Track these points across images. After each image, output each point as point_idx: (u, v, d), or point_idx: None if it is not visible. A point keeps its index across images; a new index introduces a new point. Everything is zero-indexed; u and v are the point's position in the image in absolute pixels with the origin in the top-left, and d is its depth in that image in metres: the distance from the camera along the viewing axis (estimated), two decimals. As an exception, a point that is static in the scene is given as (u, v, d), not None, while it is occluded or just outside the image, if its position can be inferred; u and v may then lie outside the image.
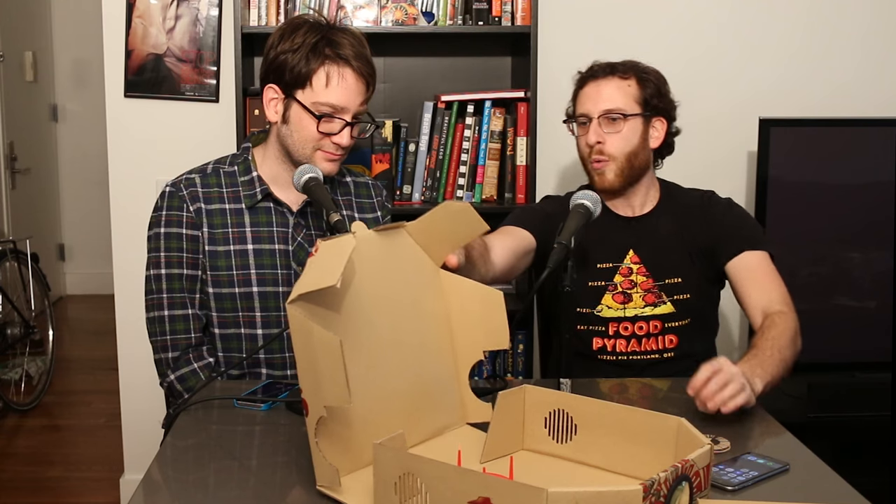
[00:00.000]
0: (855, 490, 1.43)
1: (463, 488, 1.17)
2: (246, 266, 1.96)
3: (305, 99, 1.91)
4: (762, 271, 2.07)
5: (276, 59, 1.91)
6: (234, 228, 1.98)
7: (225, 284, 1.97)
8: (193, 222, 1.96)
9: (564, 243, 1.72)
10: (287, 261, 1.99)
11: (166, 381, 1.98)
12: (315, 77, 1.89)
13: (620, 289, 2.12)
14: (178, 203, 1.97)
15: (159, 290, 1.97)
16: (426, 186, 2.92)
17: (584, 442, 1.48)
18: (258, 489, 1.45)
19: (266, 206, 2.00)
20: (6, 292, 4.30)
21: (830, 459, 1.57)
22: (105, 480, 3.48)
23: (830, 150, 2.85)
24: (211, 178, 2.01)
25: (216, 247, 1.97)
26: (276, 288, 1.98)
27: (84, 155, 6.14)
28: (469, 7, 2.87)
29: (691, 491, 1.21)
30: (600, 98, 2.10)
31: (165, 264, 1.96)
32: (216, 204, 1.98)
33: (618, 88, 2.10)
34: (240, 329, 1.98)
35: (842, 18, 3.14)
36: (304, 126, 1.92)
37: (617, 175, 2.10)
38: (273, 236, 1.99)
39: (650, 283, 2.11)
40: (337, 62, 1.89)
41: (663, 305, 2.11)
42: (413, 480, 1.23)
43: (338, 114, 1.91)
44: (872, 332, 2.85)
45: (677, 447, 1.37)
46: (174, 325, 1.96)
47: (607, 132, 2.09)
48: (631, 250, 2.13)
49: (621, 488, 1.14)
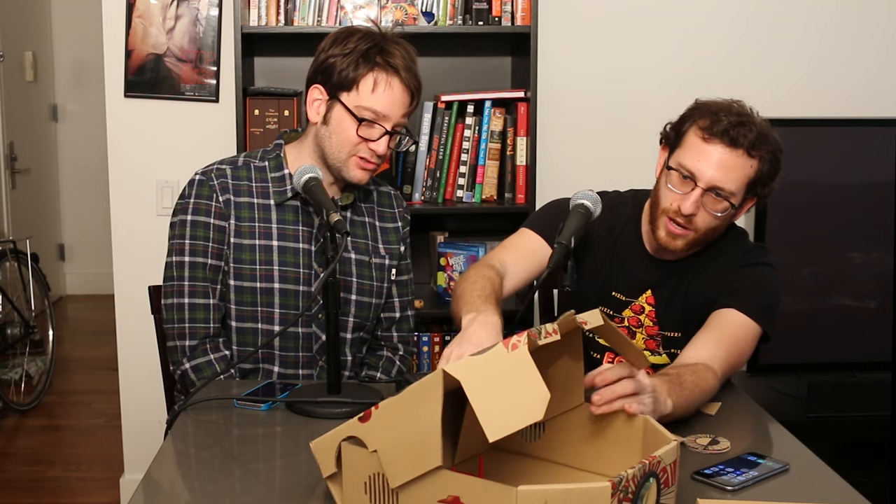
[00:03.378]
0: (855, 490, 1.43)
1: (433, 488, 1.17)
2: (270, 262, 1.96)
3: (350, 102, 1.91)
4: (732, 333, 1.86)
5: (326, 60, 1.92)
6: (261, 223, 1.97)
7: (247, 278, 1.96)
8: (222, 213, 1.96)
9: (564, 243, 1.72)
10: (309, 260, 1.98)
11: (180, 368, 1.97)
12: (363, 81, 1.90)
13: (627, 324, 2.04)
14: (207, 192, 1.97)
15: (181, 277, 1.96)
16: (426, 186, 2.92)
17: (553, 440, 1.48)
18: (258, 489, 1.45)
19: (294, 204, 2.00)
20: (6, 292, 4.30)
21: (830, 459, 1.57)
22: (105, 480, 3.48)
23: (830, 150, 2.85)
24: (241, 170, 2.00)
25: (241, 240, 1.96)
26: (296, 286, 1.97)
27: (84, 155, 6.13)
28: (469, 7, 2.87)
29: (658, 487, 1.22)
30: (718, 167, 1.84)
31: (190, 252, 1.95)
32: (245, 197, 1.98)
33: (738, 168, 1.86)
34: (257, 324, 1.98)
35: (842, 20, 3.14)
36: (343, 129, 1.92)
37: (687, 247, 1.94)
38: (298, 235, 1.99)
39: (655, 330, 2.03)
40: (386, 70, 1.90)
41: (659, 357, 2.03)
42: (383, 480, 1.23)
43: (379, 121, 1.91)
44: (872, 332, 2.85)
45: (644, 444, 1.38)
46: (194, 313, 1.96)
47: (706, 207, 1.88)
48: (649, 290, 2.02)
49: (590, 485, 1.14)
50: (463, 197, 2.92)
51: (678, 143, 1.92)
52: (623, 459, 1.39)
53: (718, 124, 1.85)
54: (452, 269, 2.92)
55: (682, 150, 1.90)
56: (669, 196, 1.90)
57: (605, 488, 1.13)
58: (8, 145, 5.37)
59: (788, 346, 2.87)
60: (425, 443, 1.17)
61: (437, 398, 1.16)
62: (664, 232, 1.92)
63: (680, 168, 1.88)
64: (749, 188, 1.89)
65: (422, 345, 2.97)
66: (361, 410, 1.29)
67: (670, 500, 1.27)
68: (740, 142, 1.84)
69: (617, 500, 1.14)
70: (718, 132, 1.84)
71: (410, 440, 1.19)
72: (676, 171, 1.88)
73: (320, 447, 1.32)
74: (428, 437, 1.17)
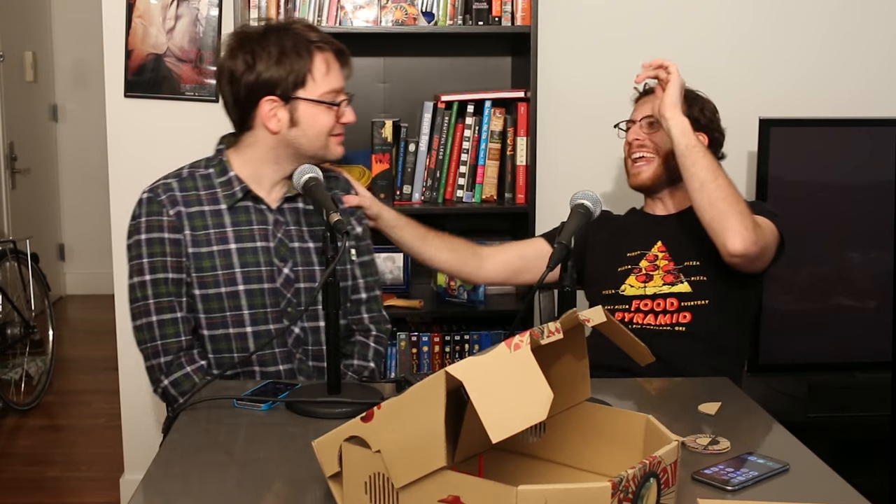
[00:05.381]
0: (855, 490, 1.43)
1: (433, 487, 1.17)
2: (230, 265, 1.96)
3: (311, 94, 1.94)
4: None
5: (260, 77, 1.92)
6: (215, 229, 1.97)
7: (211, 285, 1.96)
8: (174, 226, 1.95)
9: (564, 243, 1.72)
10: (269, 257, 1.99)
11: (160, 386, 1.96)
12: (314, 70, 1.94)
13: (644, 271, 2.25)
14: (157, 208, 1.96)
15: (145, 296, 1.95)
16: (426, 186, 2.92)
17: (553, 440, 1.48)
18: (258, 489, 1.45)
19: (245, 205, 2.00)
20: (6, 292, 4.30)
21: (830, 459, 1.57)
22: (105, 480, 3.48)
23: (830, 150, 2.85)
24: (188, 181, 2.01)
25: (199, 248, 1.96)
26: (261, 285, 1.98)
27: (84, 155, 6.14)
28: (469, 7, 2.87)
29: (659, 487, 1.22)
30: (646, 108, 2.29)
31: (150, 270, 1.95)
32: (195, 206, 1.98)
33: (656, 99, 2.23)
34: (228, 329, 1.97)
35: (842, 20, 3.14)
36: (318, 120, 1.96)
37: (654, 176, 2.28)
38: (255, 234, 1.99)
39: (671, 265, 2.23)
40: (320, 49, 1.95)
41: (680, 285, 2.19)
42: (383, 480, 1.23)
43: (340, 94, 1.98)
44: (872, 332, 2.85)
45: (645, 444, 1.38)
46: (164, 329, 1.95)
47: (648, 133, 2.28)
48: (660, 241, 2.27)
49: (590, 485, 1.14)
50: (463, 197, 2.92)
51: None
52: (623, 459, 1.39)
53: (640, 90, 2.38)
54: (452, 269, 2.91)
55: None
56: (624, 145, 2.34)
57: (605, 488, 1.13)
58: (8, 145, 5.37)
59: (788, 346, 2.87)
60: (429, 443, 1.17)
61: (439, 398, 1.16)
62: (630, 175, 2.32)
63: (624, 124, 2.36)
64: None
65: (422, 345, 2.97)
66: (362, 410, 1.29)
67: (670, 500, 1.27)
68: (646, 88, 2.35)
69: (617, 500, 1.14)
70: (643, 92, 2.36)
71: (414, 440, 1.19)
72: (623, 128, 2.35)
73: (323, 446, 1.32)
74: (432, 437, 1.17)
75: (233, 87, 1.95)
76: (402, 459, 1.20)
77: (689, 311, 2.18)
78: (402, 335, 2.96)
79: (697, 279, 2.19)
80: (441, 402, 1.16)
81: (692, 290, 2.18)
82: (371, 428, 1.24)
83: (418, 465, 1.18)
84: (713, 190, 2.02)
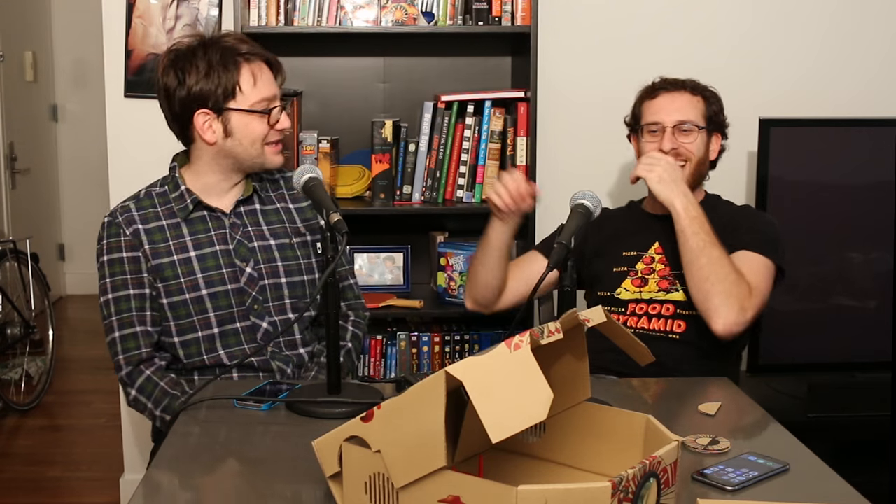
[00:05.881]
0: (855, 490, 1.43)
1: (433, 487, 1.18)
2: (192, 272, 2.04)
3: (242, 104, 2.00)
4: (746, 269, 2.10)
5: (191, 90, 1.99)
6: (174, 241, 2.05)
7: (175, 293, 2.03)
8: (132, 244, 2.03)
9: (564, 243, 1.72)
10: (230, 259, 2.06)
11: (130, 397, 2.03)
12: (241, 82, 1.99)
13: (640, 274, 2.24)
14: (115, 230, 2.05)
15: (109, 314, 2.04)
16: (426, 186, 2.92)
17: (553, 440, 1.48)
18: (258, 489, 1.45)
19: (200, 214, 2.08)
20: (6, 292, 4.30)
21: (830, 459, 1.57)
22: (105, 480, 3.47)
23: (830, 150, 2.85)
24: (144, 201, 2.09)
25: (161, 259, 2.03)
26: (224, 286, 2.05)
27: (84, 155, 6.13)
28: (469, 7, 2.87)
29: (659, 487, 1.22)
30: (674, 109, 2.25)
31: (112, 289, 2.03)
32: (153, 222, 2.06)
33: (689, 103, 2.27)
34: (197, 332, 2.05)
35: (842, 20, 3.14)
36: (251, 129, 2.01)
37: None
38: (213, 240, 2.07)
39: (667, 271, 2.21)
40: (247, 60, 2.00)
41: (676, 293, 2.18)
42: (383, 480, 1.23)
43: (273, 102, 2.03)
44: (872, 332, 2.85)
45: (645, 444, 1.38)
46: (125, 343, 2.03)
47: (681, 141, 2.24)
48: (657, 243, 2.26)
49: (590, 485, 1.14)
50: (463, 197, 2.92)
51: (637, 119, 2.33)
52: (623, 459, 1.38)
53: (657, 83, 2.32)
54: (452, 269, 2.92)
55: (642, 118, 2.31)
56: (648, 147, 2.26)
57: (605, 488, 1.13)
58: (8, 145, 5.37)
59: (788, 346, 2.87)
60: (429, 443, 1.17)
61: (440, 399, 1.16)
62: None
63: (647, 126, 2.28)
64: (708, 120, 2.28)
65: (422, 345, 2.97)
66: (362, 410, 1.29)
67: (670, 501, 1.27)
68: (679, 86, 2.29)
69: (617, 500, 1.14)
70: (660, 87, 2.30)
71: (414, 440, 1.19)
72: (645, 130, 2.28)
73: (323, 446, 1.32)
74: (432, 437, 1.17)
75: (169, 103, 2.04)
76: (402, 459, 1.20)
77: (683, 319, 2.18)
78: (402, 335, 2.96)
79: None
80: (441, 402, 1.16)
81: (687, 298, 2.15)
82: (371, 428, 1.24)
83: (418, 465, 1.19)
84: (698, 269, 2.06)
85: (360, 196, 2.96)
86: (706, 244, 2.07)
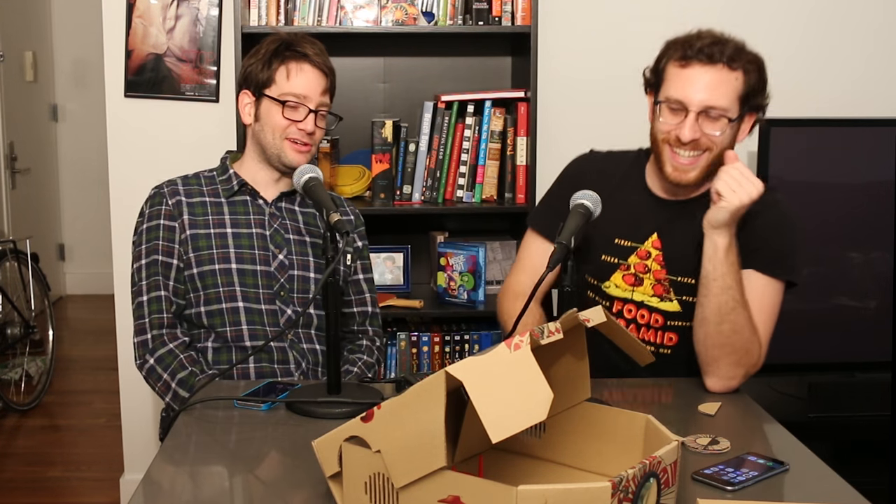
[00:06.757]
0: (855, 490, 1.43)
1: (433, 487, 1.18)
2: (225, 245, 2.09)
3: (272, 93, 2.08)
4: (756, 299, 1.90)
5: (245, 70, 2.14)
6: (214, 216, 2.12)
7: (206, 262, 2.08)
8: (171, 214, 2.10)
9: (564, 243, 1.72)
10: (265, 243, 2.12)
11: (147, 365, 2.05)
12: (278, 73, 2.08)
13: (633, 270, 2.02)
14: (159, 199, 2.13)
15: (139, 279, 2.09)
16: (426, 186, 2.92)
17: (553, 440, 1.48)
18: (258, 489, 1.45)
19: (243, 198, 2.15)
20: (6, 292, 4.30)
21: (830, 459, 1.57)
22: (105, 480, 3.48)
23: (830, 150, 2.85)
24: (192, 180, 2.18)
25: (197, 230, 2.09)
26: (253, 266, 2.09)
27: (84, 155, 6.13)
28: (469, 7, 2.87)
29: (659, 487, 1.22)
30: (704, 87, 1.88)
31: (146, 254, 2.09)
32: (197, 197, 2.14)
33: (724, 83, 1.88)
34: (222, 304, 2.08)
35: (843, 19, 3.14)
36: (271, 117, 2.08)
37: (702, 175, 1.93)
38: (251, 222, 2.13)
39: (663, 274, 2.00)
40: (296, 58, 2.08)
41: (670, 302, 2.01)
42: (383, 480, 1.23)
43: (301, 102, 2.07)
44: (872, 332, 2.84)
45: (645, 444, 1.38)
46: (150, 306, 2.07)
47: (705, 131, 1.90)
48: (655, 234, 2.01)
49: (590, 485, 1.14)
50: (463, 197, 2.92)
51: (660, 80, 1.96)
52: (623, 459, 1.39)
53: (691, 48, 1.91)
54: (452, 269, 2.92)
55: (665, 85, 1.94)
56: (665, 127, 1.93)
57: (605, 488, 1.13)
58: (8, 145, 5.37)
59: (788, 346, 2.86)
60: (430, 443, 1.17)
61: (440, 399, 1.16)
62: (671, 167, 1.94)
63: (668, 101, 1.91)
64: (742, 102, 1.91)
65: (422, 345, 2.97)
66: (362, 410, 1.29)
67: (670, 501, 1.27)
68: (717, 57, 1.88)
69: (617, 500, 1.14)
70: (693, 54, 1.90)
71: (414, 440, 1.19)
72: (665, 105, 1.92)
73: (323, 446, 1.32)
74: (432, 437, 1.17)
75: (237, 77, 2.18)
76: (402, 459, 1.20)
77: (675, 331, 2.01)
78: (402, 335, 2.96)
79: (689, 300, 1.98)
80: (441, 402, 1.16)
81: (681, 309, 1.99)
82: (371, 428, 1.24)
83: (418, 465, 1.19)
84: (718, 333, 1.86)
85: (361, 196, 2.96)
86: (737, 304, 1.84)
